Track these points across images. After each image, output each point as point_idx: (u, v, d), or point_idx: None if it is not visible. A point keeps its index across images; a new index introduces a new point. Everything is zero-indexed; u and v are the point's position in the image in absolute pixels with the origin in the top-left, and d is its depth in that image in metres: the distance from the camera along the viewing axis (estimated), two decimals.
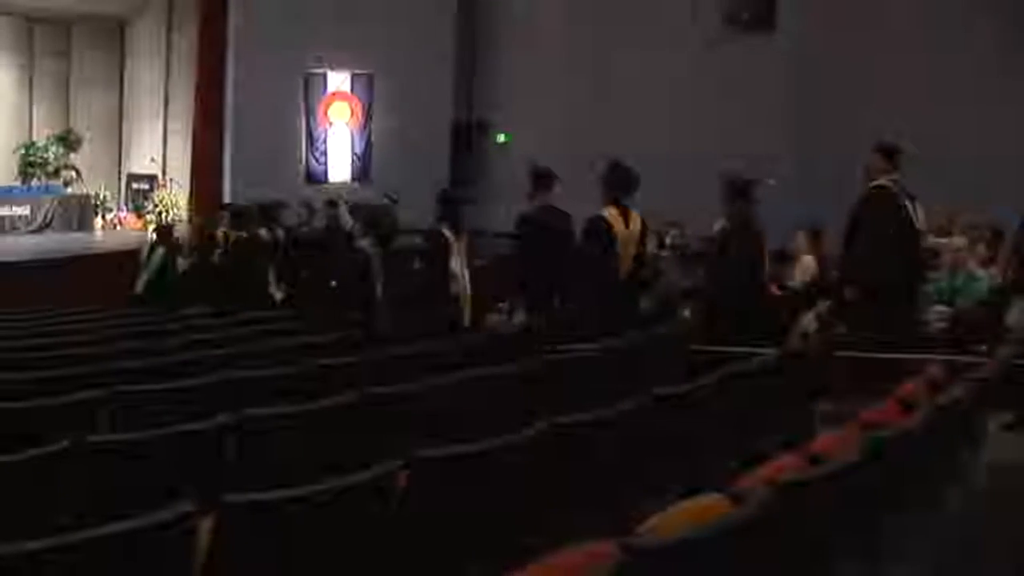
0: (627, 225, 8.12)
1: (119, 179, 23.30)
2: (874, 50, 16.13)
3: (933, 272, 10.26)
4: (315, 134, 20.11)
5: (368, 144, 20.22)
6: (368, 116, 20.17)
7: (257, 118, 19.28)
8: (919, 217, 8.16)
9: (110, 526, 2.81)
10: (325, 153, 20.15)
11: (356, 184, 19.59)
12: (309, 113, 20.05)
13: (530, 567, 2.90)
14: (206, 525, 3.10)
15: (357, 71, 20.01)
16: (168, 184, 21.84)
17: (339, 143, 20.22)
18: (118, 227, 21.68)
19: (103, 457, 4.02)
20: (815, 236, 10.97)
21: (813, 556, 3.49)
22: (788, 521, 3.15)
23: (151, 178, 22.41)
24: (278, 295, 12.22)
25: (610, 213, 8.12)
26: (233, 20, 19.78)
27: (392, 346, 7.34)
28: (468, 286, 9.38)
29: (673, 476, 4.49)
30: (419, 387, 5.34)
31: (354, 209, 13.80)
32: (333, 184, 19.50)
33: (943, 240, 10.83)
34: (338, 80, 20.08)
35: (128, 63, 23.62)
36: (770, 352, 6.51)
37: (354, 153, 20.26)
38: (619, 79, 18.17)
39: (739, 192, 8.34)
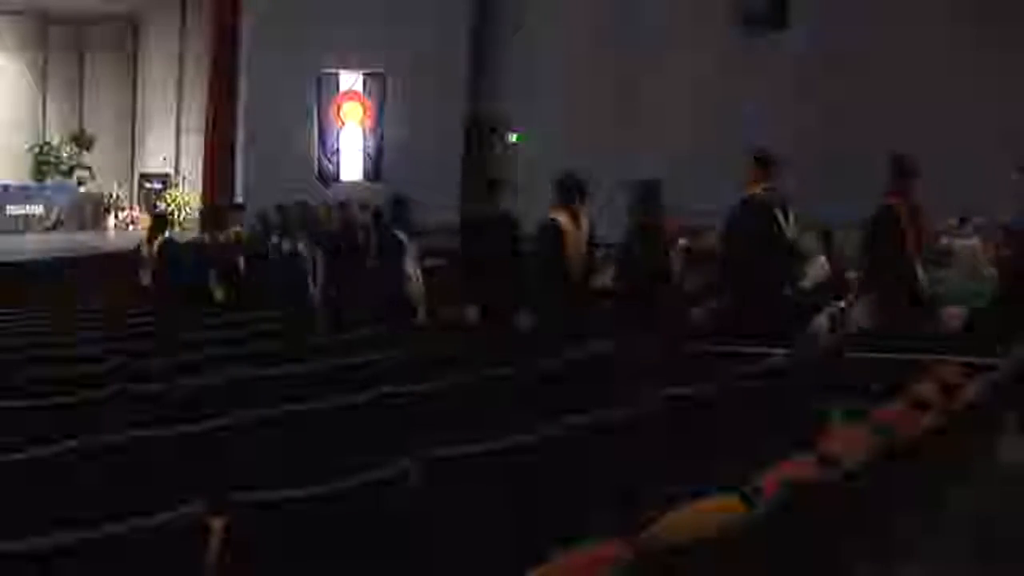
0: (577, 228, 8.37)
1: (132, 178, 23.37)
2: (888, 48, 16.10)
3: (943, 271, 10.25)
4: (327, 134, 20.14)
5: (380, 144, 20.23)
6: (380, 116, 20.18)
7: (270, 118, 19.32)
8: (791, 225, 8.37)
9: (120, 525, 2.81)
10: (337, 152, 20.18)
11: (368, 184, 19.61)
12: (321, 113, 20.07)
13: (541, 567, 2.89)
14: (217, 525, 3.09)
15: (369, 71, 20.02)
16: (181, 183, 21.90)
17: (351, 143, 20.24)
18: (130, 226, 21.73)
19: (110, 457, 4.02)
20: (826, 237, 10.93)
21: (825, 557, 3.47)
22: (800, 522, 3.14)
23: (164, 177, 22.47)
24: (218, 295, 12.30)
25: (561, 217, 8.35)
26: (246, 20, 19.83)
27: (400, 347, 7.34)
28: (422, 286, 9.76)
29: (684, 477, 4.47)
30: (431, 387, 5.34)
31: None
32: (345, 183, 19.52)
33: (958, 241, 10.79)
34: (350, 80, 20.10)
35: (141, 63, 23.68)
36: (782, 352, 6.50)
37: (366, 153, 20.27)
38: (632, 80, 18.14)
39: (649, 195, 8.54)
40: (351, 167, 20.19)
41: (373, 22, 19.03)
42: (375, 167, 20.19)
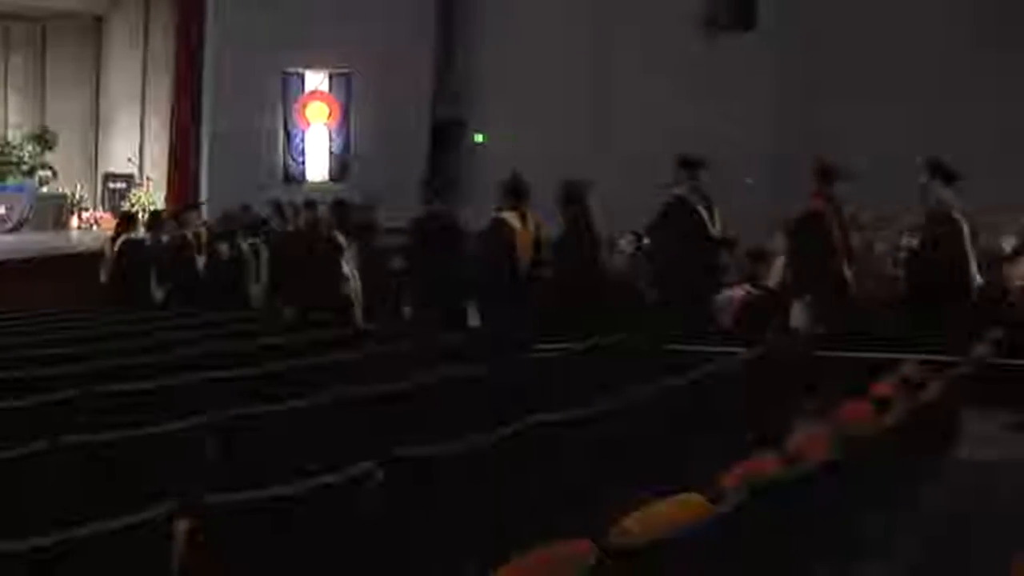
0: (524, 228, 8.58)
1: (95, 178, 23.16)
2: (855, 49, 16.22)
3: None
4: (293, 134, 20.06)
5: (346, 144, 20.17)
6: (346, 116, 20.12)
7: (234, 117, 19.22)
8: (715, 223, 8.61)
9: (88, 527, 2.80)
10: (303, 153, 20.10)
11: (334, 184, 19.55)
12: (286, 113, 19.98)
13: (507, 566, 2.90)
14: (183, 527, 3.09)
15: (335, 71, 19.95)
16: (145, 183, 21.74)
17: (317, 143, 20.16)
18: (94, 227, 21.55)
19: (79, 458, 4.00)
20: (792, 236, 11.00)
21: (790, 555, 3.50)
22: (764, 521, 3.17)
23: (128, 177, 22.29)
24: (158, 295, 12.37)
25: (509, 216, 8.57)
26: (210, 18, 19.71)
27: (371, 345, 7.34)
28: (359, 287, 10.05)
29: (650, 476, 4.50)
30: (399, 387, 5.34)
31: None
32: (311, 184, 19.45)
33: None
34: (316, 80, 20.02)
35: (105, 61, 23.47)
36: (745, 352, 6.55)
37: (332, 153, 20.20)
38: (601, 80, 18.18)
39: (575, 197, 8.76)
40: (317, 168, 20.12)
41: (340, 21, 18.96)
42: (341, 167, 20.13)
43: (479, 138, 19.89)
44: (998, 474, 6.14)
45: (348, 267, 10.09)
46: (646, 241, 10.24)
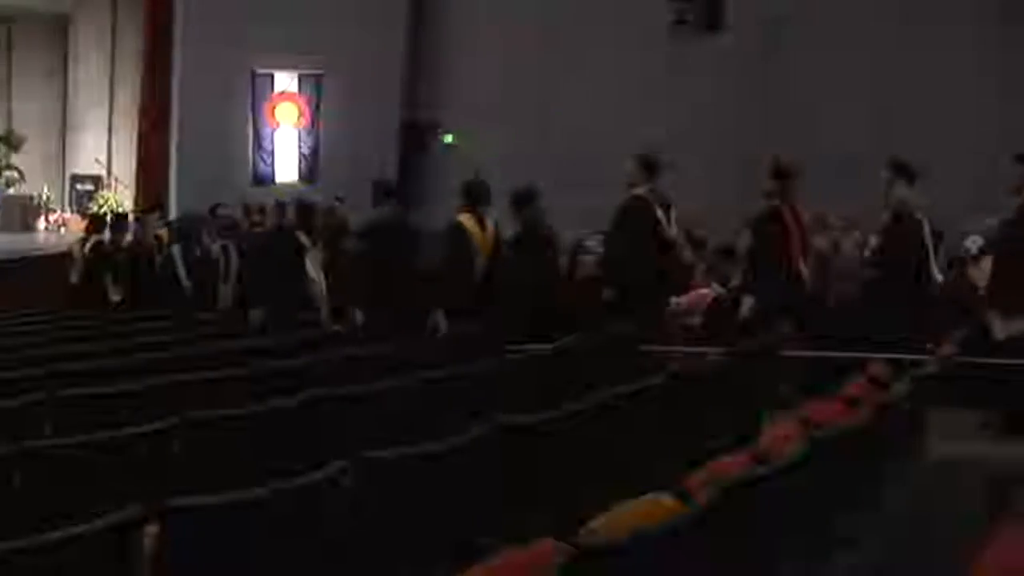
0: (482, 230, 8.66)
1: (63, 180, 22.99)
2: (820, 49, 16.31)
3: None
4: (262, 135, 19.96)
5: (316, 145, 20.10)
6: (316, 116, 20.05)
7: (204, 118, 19.12)
8: (672, 224, 8.71)
9: (53, 533, 2.78)
10: (272, 154, 20.02)
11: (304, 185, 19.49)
12: (256, 113, 19.90)
13: (477, 567, 2.90)
14: (152, 530, 3.07)
15: (305, 71, 19.89)
16: (113, 184, 21.60)
17: (286, 144, 20.09)
18: (62, 228, 21.39)
19: (44, 462, 3.97)
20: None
21: (759, 554, 3.52)
22: (734, 520, 3.18)
23: (95, 178, 22.13)
24: (115, 297, 12.38)
25: (466, 220, 8.64)
26: (179, 18, 19.60)
27: (343, 347, 7.32)
28: (325, 288, 10.11)
29: (621, 476, 4.51)
30: (367, 389, 5.33)
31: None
32: (280, 185, 19.38)
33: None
34: (285, 81, 19.94)
35: (72, 62, 23.29)
36: (715, 351, 6.58)
37: (301, 154, 20.13)
38: (571, 83, 18.20)
39: (527, 199, 8.86)
40: (286, 169, 20.04)
41: (309, 21, 18.90)
42: (311, 168, 20.06)
43: (449, 139, 19.88)
44: (962, 473, 6.19)
45: (313, 269, 10.06)
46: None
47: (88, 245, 12.85)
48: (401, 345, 7.41)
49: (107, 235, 13.05)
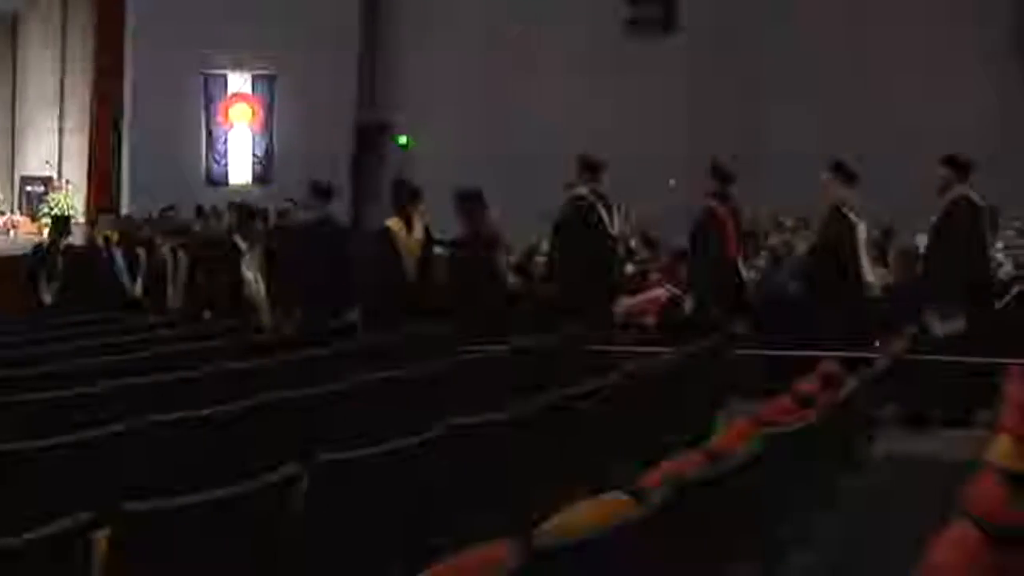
0: (410, 233, 8.86)
1: (12, 182, 22.70)
2: (772, 50, 16.45)
3: None
4: (215, 136, 19.83)
5: (270, 146, 19.99)
6: (269, 117, 19.94)
7: (156, 119, 18.95)
8: (615, 223, 8.88)
9: (5, 539, 2.75)
10: (226, 155, 19.89)
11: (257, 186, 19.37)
12: (209, 114, 19.76)
13: (432, 568, 2.90)
14: (103, 536, 3.04)
15: (258, 72, 19.77)
16: (64, 186, 21.35)
17: (240, 145, 19.96)
18: (11, 231, 21.12)
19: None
20: None
21: (714, 553, 3.54)
22: (688, 519, 3.20)
23: (46, 180, 21.87)
24: (47, 298, 12.34)
25: (394, 223, 8.87)
26: (131, 18, 19.41)
27: (295, 349, 7.29)
28: (263, 291, 10.30)
29: (575, 476, 4.52)
30: (320, 391, 5.31)
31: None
32: (234, 186, 19.26)
33: None
34: (239, 81, 19.82)
35: (21, 63, 23.01)
36: (672, 351, 6.61)
37: (255, 155, 20.01)
38: (526, 82, 18.22)
39: (472, 199, 9.03)
40: (240, 170, 19.92)
41: (263, 22, 18.79)
42: (265, 169, 19.94)
43: (403, 140, 19.84)
44: (913, 469, 6.27)
45: (250, 272, 10.20)
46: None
47: (33, 247, 12.83)
48: (355, 346, 7.40)
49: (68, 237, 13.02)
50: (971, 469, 3.48)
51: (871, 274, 8.67)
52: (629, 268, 12.00)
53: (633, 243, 12.70)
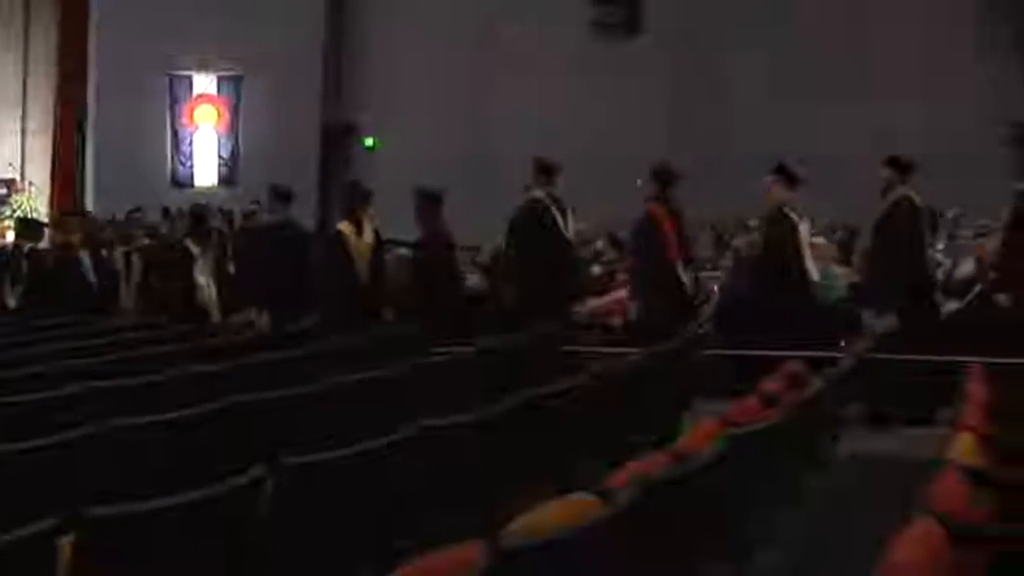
0: (361, 236, 9.04)
1: None
2: (740, 50, 16.54)
3: None
4: (180, 137, 19.73)
5: (235, 147, 19.90)
6: (235, 119, 19.85)
7: (120, 120, 18.84)
8: (569, 227, 8.93)
9: None
10: (191, 157, 19.79)
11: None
12: (174, 115, 19.65)
13: (401, 569, 2.90)
14: (67, 541, 3.02)
15: (224, 73, 19.67)
16: (27, 188, 21.17)
17: (205, 146, 19.86)
18: None
19: None
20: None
21: (679, 552, 3.56)
22: (655, 519, 3.21)
23: (8, 182, 21.68)
24: (11, 302, 12.31)
25: (345, 226, 9.08)
26: (94, 19, 19.27)
27: (260, 353, 7.27)
28: (215, 294, 10.52)
29: (543, 476, 4.53)
30: (287, 393, 5.29)
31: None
32: (200, 188, 19.17)
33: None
34: (204, 83, 19.73)
35: None
36: (639, 352, 6.63)
37: (221, 157, 19.92)
38: (491, 82, 18.24)
39: (434, 202, 9.24)
40: (205, 172, 19.82)
41: (229, 23, 18.71)
42: (231, 171, 19.85)
43: (369, 142, 19.81)
44: (877, 468, 6.31)
45: (202, 276, 10.35)
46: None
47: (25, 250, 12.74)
48: (321, 348, 7.38)
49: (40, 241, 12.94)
50: (934, 468, 3.51)
51: (815, 272, 8.78)
52: (596, 269, 12.04)
53: (600, 244, 12.73)
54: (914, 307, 8.02)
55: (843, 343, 7.67)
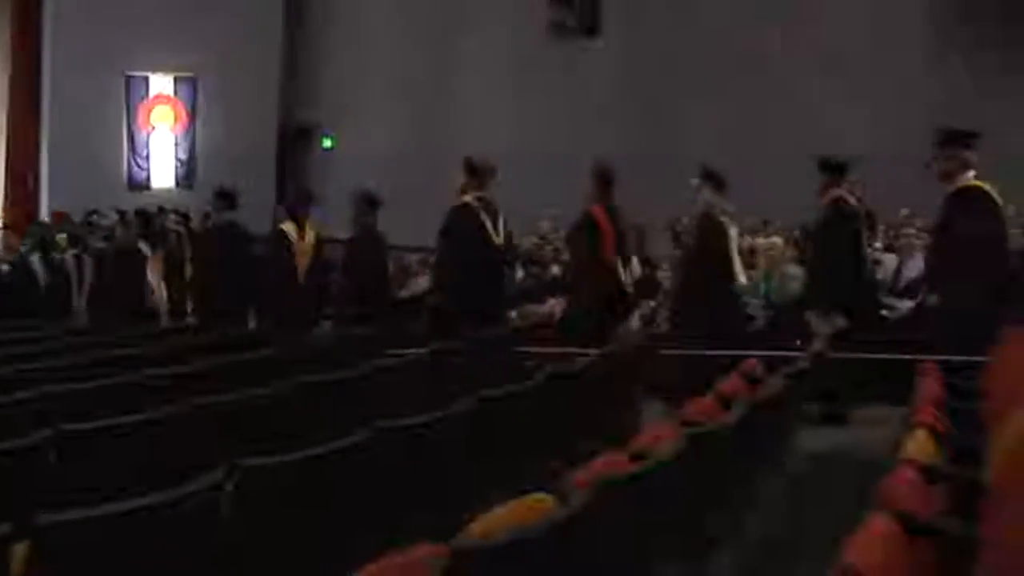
0: (303, 238, 9.31)
1: None
2: (696, 52, 16.62)
3: (750, 271, 10.71)
4: (137, 138, 19.57)
5: (192, 149, 19.77)
6: (192, 120, 19.72)
7: (76, 121, 18.65)
8: (500, 231, 8.95)
9: None
10: (148, 159, 19.63)
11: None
12: (130, 117, 19.49)
13: (359, 571, 2.89)
14: (20, 549, 2.99)
15: (180, 74, 19.54)
16: None
17: (162, 148, 19.72)
18: None
19: None
20: (640, 236, 11.24)
21: (635, 552, 3.57)
22: (611, 519, 3.22)
23: None
24: None
25: (288, 228, 9.34)
26: (48, 19, 19.07)
27: (217, 355, 7.23)
28: (164, 296, 10.85)
29: (500, 477, 4.54)
30: (244, 395, 5.27)
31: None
32: (157, 191, 19.04)
33: (760, 241, 11.23)
34: (161, 84, 19.58)
35: None
36: (595, 352, 6.66)
37: (178, 158, 19.78)
38: (449, 83, 18.24)
39: (369, 204, 9.50)
40: (162, 174, 19.68)
41: (185, 24, 18.58)
42: (187, 173, 19.71)
43: (327, 143, 19.74)
44: (832, 465, 6.37)
45: (154, 277, 10.59)
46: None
47: None
48: (280, 349, 7.36)
49: None
50: (888, 465, 3.54)
51: (743, 275, 8.92)
52: (556, 270, 12.07)
53: (558, 244, 12.77)
54: (856, 308, 8.10)
55: (798, 342, 7.73)
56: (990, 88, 14.76)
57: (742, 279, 8.86)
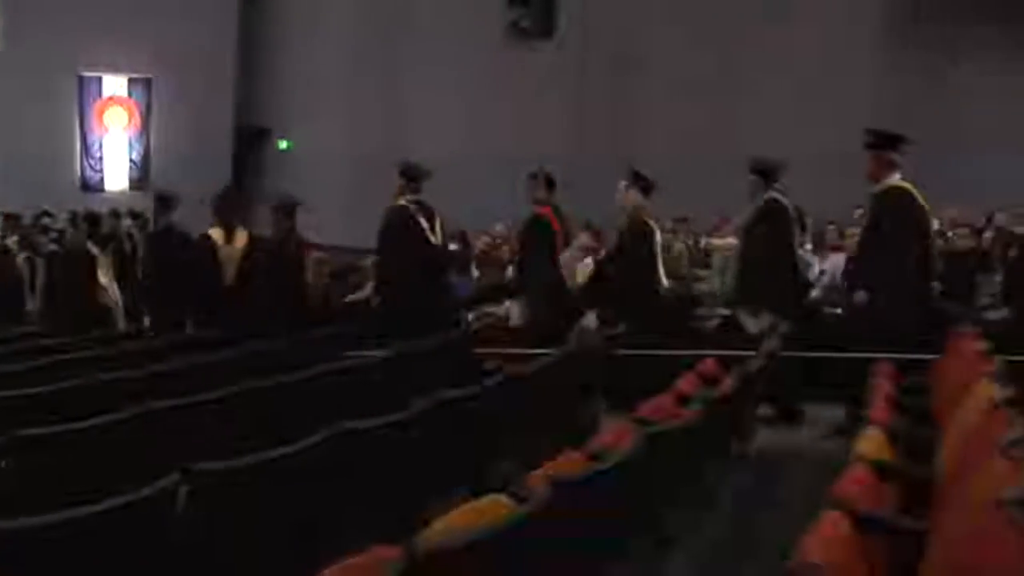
0: (230, 242, 9.39)
1: None
2: (652, 53, 16.70)
3: (704, 271, 10.82)
4: (90, 140, 19.37)
5: (146, 150, 19.59)
6: (146, 121, 19.54)
7: (28, 121, 18.41)
8: (437, 232, 9.08)
9: None
10: (101, 160, 19.43)
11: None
12: (83, 118, 19.28)
13: (319, 573, 2.89)
14: None
15: (134, 75, 19.36)
16: None
17: (116, 149, 19.52)
18: None
19: None
20: (596, 236, 11.28)
21: (594, 552, 3.59)
22: (568, 519, 3.24)
23: None
24: None
25: (215, 231, 9.40)
26: (2, 12, 18.82)
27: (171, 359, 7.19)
28: (119, 297, 10.79)
29: (457, 478, 4.55)
30: (201, 398, 5.24)
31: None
32: (110, 193, 18.86)
33: (716, 241, 11.30)
34: (115, 84, 19.38)
35: None
36: (552, 353, 6.68)
37: (132, 160, 19.59)
38: (405, 83, 18.20)
39: (288, 211, 9.56)
40: (116, 175, 19.48)
41: (138, 21, 18.39)
42: (142, 174, 19.52)
43: (284, 144, 19.64)
44: (787, 464, 6.42)
45: (105, 278, 10.62)
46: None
47: None
48: (238, 352, 7.32)
49: None
50: (843, 462, 3.59)
51: (665, 279, 9.08)
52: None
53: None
54: (787, 307, 8.15)
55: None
56: (943, 87, 14.96)
57: (664, 282, 8.99)
